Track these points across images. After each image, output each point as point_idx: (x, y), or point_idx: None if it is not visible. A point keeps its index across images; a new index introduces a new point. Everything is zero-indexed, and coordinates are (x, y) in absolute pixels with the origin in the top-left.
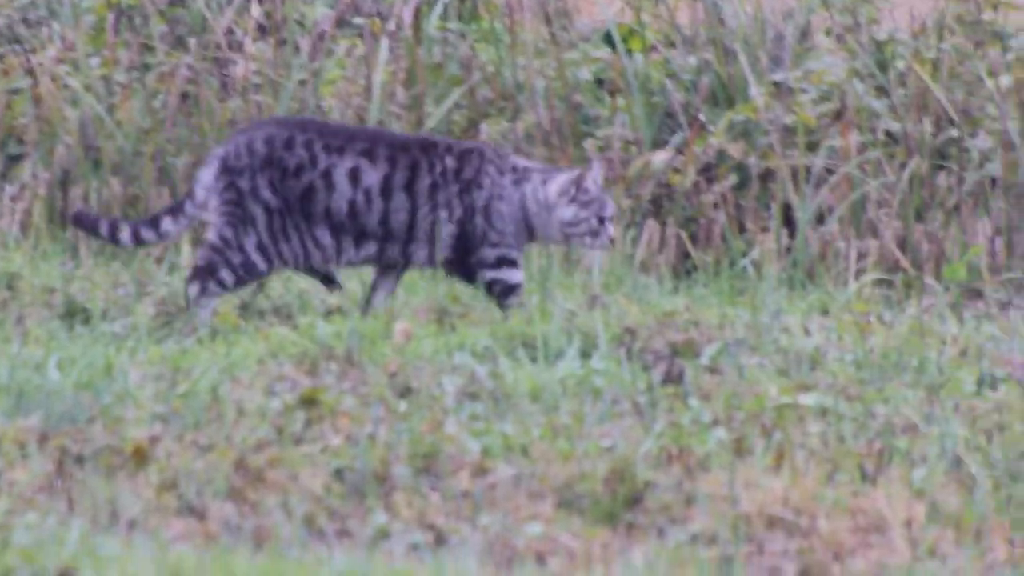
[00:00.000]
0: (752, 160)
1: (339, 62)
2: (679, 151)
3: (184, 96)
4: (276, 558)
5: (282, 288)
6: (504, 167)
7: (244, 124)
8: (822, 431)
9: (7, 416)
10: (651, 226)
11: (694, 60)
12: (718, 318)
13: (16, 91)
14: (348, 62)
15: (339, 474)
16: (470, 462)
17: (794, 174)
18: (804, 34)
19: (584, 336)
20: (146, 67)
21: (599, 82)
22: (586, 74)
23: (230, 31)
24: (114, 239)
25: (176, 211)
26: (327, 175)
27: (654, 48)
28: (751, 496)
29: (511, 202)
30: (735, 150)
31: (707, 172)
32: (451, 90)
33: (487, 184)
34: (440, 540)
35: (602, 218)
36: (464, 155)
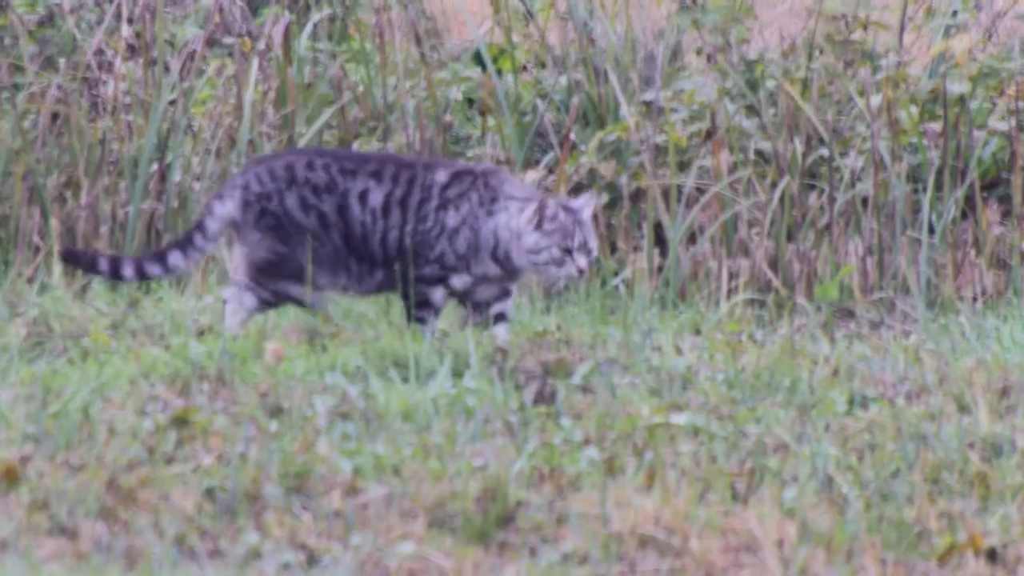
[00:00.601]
0: (623, 180)
1: (209, 82)
2: (550, 171)
3: (54, 116)
4: None
5: (154, 308)
6: (484, 196)
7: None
8: (694, 451)
9: None
10: None
11: (565, 80)
12: (590, 337)
13: None
14: (218, 82)
15: (210, 494)
16: (342, 482)
17: (665, 194)
18: (675, 54)
19: (456, 356)
20: (16, 87)
21: (469, 102)
22: (456, 94)
23: (100, 51)
24: (116, 275)
25: (185, 245)
26: (345, 196)
27: (524, 68)
28: (623, 515)
29: (482, 230)
30: (606, 170)
31: (578, 192)
32: (322, 110)
33: (464, 209)
34: (312, 560)
35: (567, 248)
36: (457, 175)
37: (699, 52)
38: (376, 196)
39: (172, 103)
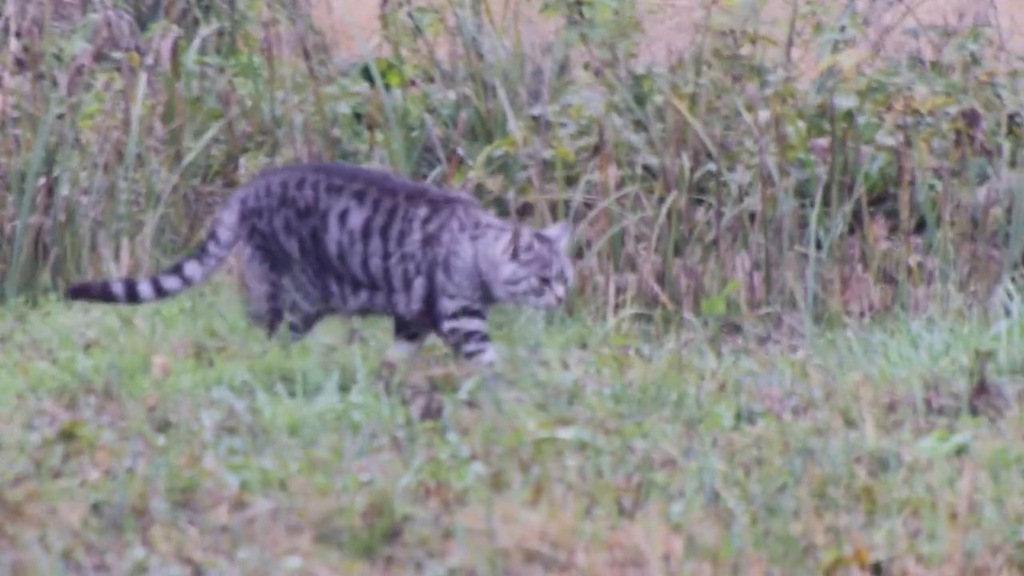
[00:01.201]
0: (511, 194)
1: (97, 96)
2: (438, 186)
3: None
4: None
5: (41, 322)
6: (466, 222)
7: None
8: (580, 465)
9: None
10: None
11: (453, 95)
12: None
13: None
14: (106, 96)
15: (97, 508)
16: (228, 496)
17: (553, 208)
18: (563, 68)
19: (343, 370)
20: None
21: (358, 117)
22: (345, 108)
23: None
24: (133, 297)
25: (200, 255)
26: (324, 217)
27: (413, 83)
28: (509, 530)
29: (466, 258)
30: (494, 184)
31: None
32: (210, 124)
33: (446, 239)
34: (198, 574)
35: (545, 278)
36: (437, 206)
37: (587, 67)
38: (356, 218)
39: (60, 117)
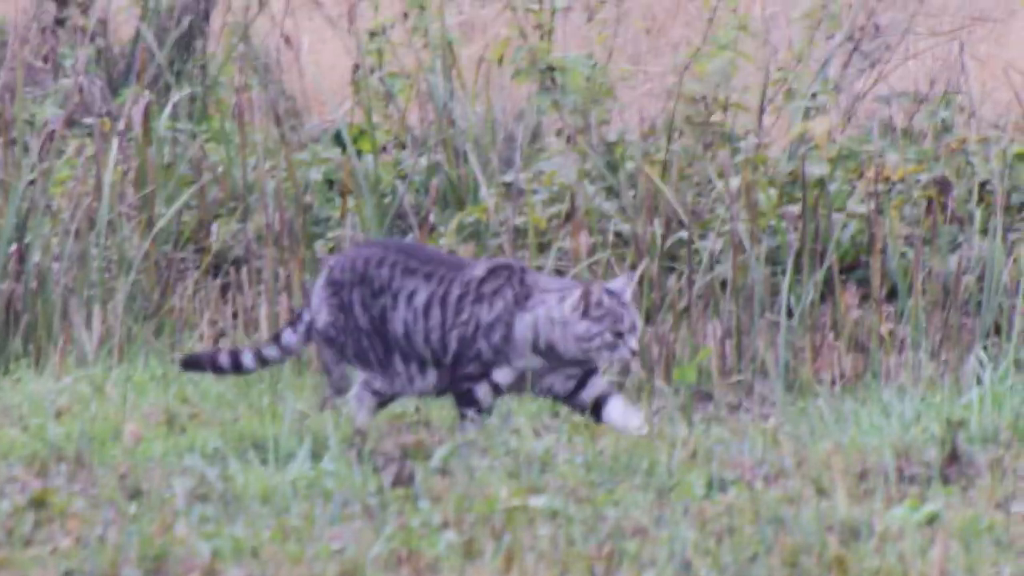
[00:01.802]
0: None
1: (69, 162)
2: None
3: None
4: None
5: (11, 389)
6: (519, 289)
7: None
8: (552, 534)
9: None
10: None
11: (425, 161)
12: (448, 420)
13: None
14: (78, 162)
15: None
16: (200, 564)
17: None
18: (535, 135)
19: (315, 437)
20: None
21: (330, 183)
22: (317, 175)
23: None
24: (238, 368)
25: (296, 322)
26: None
27: (384, 149)
28: None
29: (520, 324)
30: (466, 251)
31: None
32: (182, 190)
33: (499, 305)
34: None
35: (619, 332)
36: (492, 271)
37: (559, 133)
38: (421, 296)
39: (32, 183)
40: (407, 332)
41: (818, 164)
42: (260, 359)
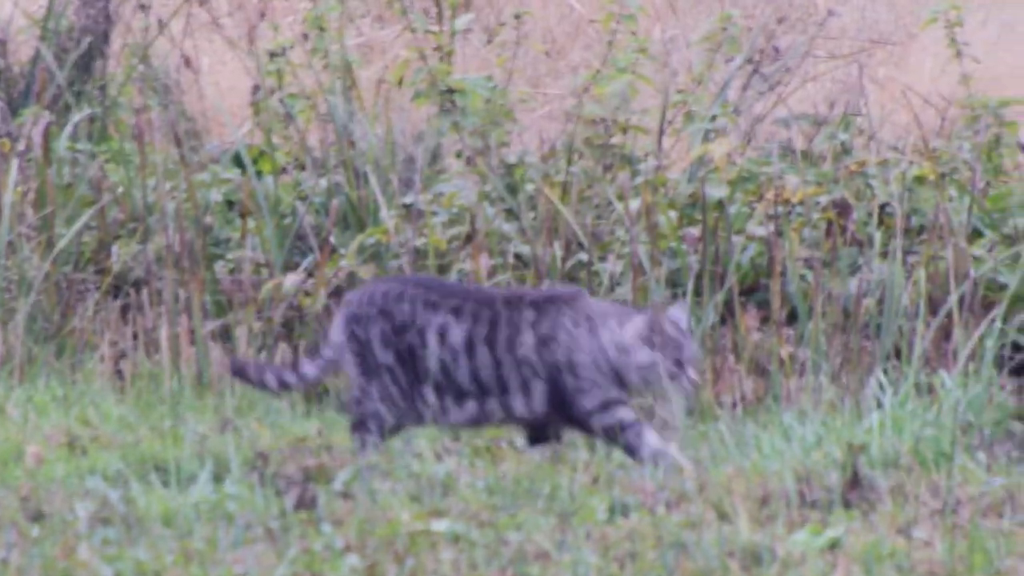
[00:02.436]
0: None
1: None
2: (310, 274)
3: None
4: None
5: None
6: (579, 317)
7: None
8: (454, 558)
9: None
10: (283, 349)
11: (324, 182)
12: (351, 443)
13: None
14: None
15: None
16: None
17: None
18: (435, 157)
19: (216, 460)
20: None
21: (230, 204)
22: (217, 196)
23: None
24: (263, 386)
25: (312, 354)
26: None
27: (284, 170)
28: None
29: (591, 351)
30: (366, 273)
31: (338, 295)
32: (82, 211)
33: (563, 339)
34: None
35: (680, 361)
36: (541, 307)
37: (459, 155)
38: (456, 334)
39: None
40: (445, 369)
41: (718, 186)
42: (282, 384)
